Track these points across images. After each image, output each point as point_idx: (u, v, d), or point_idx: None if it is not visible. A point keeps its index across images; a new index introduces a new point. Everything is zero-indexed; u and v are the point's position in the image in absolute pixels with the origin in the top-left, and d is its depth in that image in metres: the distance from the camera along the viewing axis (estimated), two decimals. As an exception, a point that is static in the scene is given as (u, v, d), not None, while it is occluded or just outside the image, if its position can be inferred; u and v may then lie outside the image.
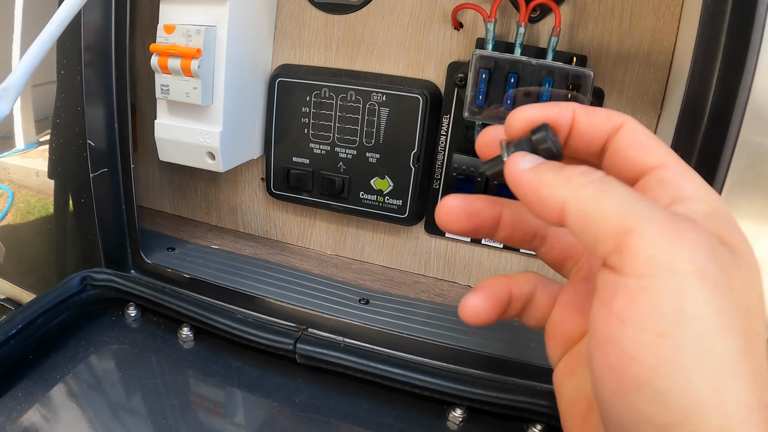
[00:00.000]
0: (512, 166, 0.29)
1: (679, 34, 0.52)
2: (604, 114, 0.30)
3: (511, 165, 0.29)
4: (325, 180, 0.64)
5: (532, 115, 0.30)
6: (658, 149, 0.28)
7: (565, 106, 0.30)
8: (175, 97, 0.57)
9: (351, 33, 0.61)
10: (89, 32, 0.55)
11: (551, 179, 0.27)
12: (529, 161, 0.29)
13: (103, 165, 0.58)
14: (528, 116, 0.30)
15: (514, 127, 0.30)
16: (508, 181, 0.29)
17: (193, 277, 0.60)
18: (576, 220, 0.26)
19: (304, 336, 0.51)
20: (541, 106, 0.30)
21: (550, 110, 0.30)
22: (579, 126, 0.30)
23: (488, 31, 0.53)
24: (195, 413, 0.46)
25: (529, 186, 0.28)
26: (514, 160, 0.29)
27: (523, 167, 0.28)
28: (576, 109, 0.30)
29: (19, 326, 0.49)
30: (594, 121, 0.30)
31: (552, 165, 0.28)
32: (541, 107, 0.30)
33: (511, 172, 0.29)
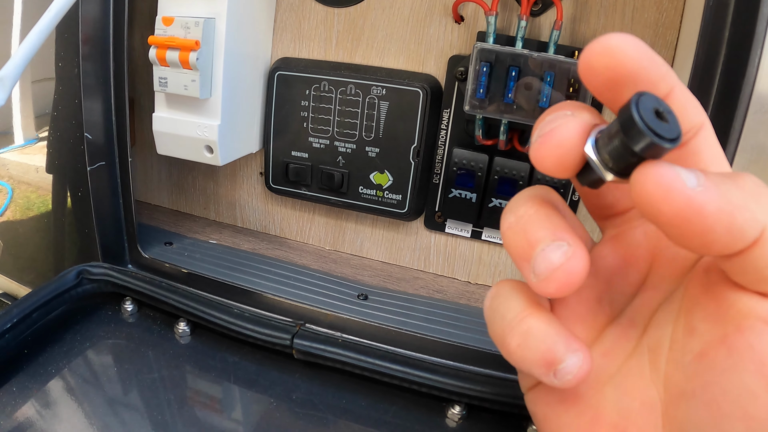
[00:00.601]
0: (677, 190, 0.20)
1: (681, 28, 0.51)
2: (696, 103, 0.24)
3: (673, 187, 0.20)
4: (324, 174, 0.63)
5: (629, 48, 0.22)
6: (723, 160, 0.25)
7: (665, 69, 0.23)
8: (173, 90, 0.56)
9: (351, 26, 0.61)
10: (87, 24, 0.54)
11: (742, 198, 0.20)
12: (693, 177, 0.20)
13: (101, 158, 0.57)
14: (620, 49, 0.22)
15: (590, 67, 0.22)
16: (672, 211, 0.20)
17: (190, 271, 0.59)
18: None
19: (302, 331, 0.51)
20: (636, 49, 0.22)
21: (648, 63, 0.22)
22: (674, 98, 0.23)
23: (489, 25, 0.52)
24: (191, 408, 0.46)
25: (718, 213, 0.20)
26: (670, 178, 0.20)
27: (693, 186, 0.20)
28: (676, 85, 0.23)
29: (15, 320, 0.49)
30: (688, 106, 0.24)
31: (721, 177, 0.21)
32: (637, 51, 0.22)
33: (678, 198, 0.20)
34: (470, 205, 0.59)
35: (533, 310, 0.26)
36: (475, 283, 0.65)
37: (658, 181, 0.20)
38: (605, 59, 0.22)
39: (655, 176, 0.20)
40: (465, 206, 0.59)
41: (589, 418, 0.28)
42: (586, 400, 0.28)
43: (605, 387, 0.28)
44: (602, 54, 0.22)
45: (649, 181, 0.20)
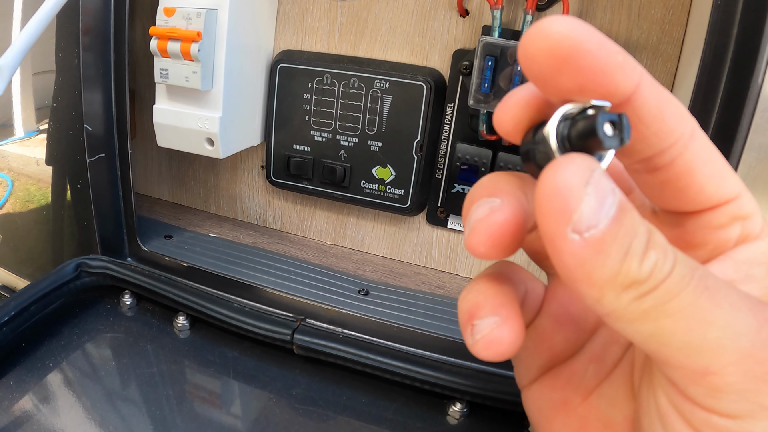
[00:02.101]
0: (557, 214, 0.18)
1: (688, 25, 0.51)
2: (678, 109, 0.21)
3: (554, 206, 0.18)
4: (326, 168, 0.63)
5: (571, 31, 0.19)
6: (732, 173, 0.22)
7: (631, 65, 0.20)
8: (174, 82, 0.56)
9: (354, 19, 0.60)
10: (87, 14, 0.53)
11: (624, 262, 0.18)
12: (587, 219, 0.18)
13: (100, 150, 0.57)
14: (561, 32, 0.19)
15: (528, 53, 0.20)
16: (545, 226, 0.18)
17: (190, 265, 0.59)
18: (648, 334, 0.19)
19: (302, 326, 0.50)
20: (585, 24, 0.19)
21: (604, 37, 0.19)
22: (643, 103, 0.20)
23: (495, 18, 0.52)
24: (190, 403, 0.45)
25: (581, 265, 0.18)
26: (565, 190, 0.18)
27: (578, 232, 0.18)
28: (644, 79, 0.20)
29: (12, 313, 0.48)
30: (665, 107, 0.21)
31: (629, 223, 0.18)
32: (585, 24, 0.19)
33: (552, 226, 0.18)
34: (473, 200, 0.58)
35: (488, 276, 0.25)
36: (477, 280, 0.64)
37: (557, 176, 0.18)
38: (544, 43, 0.19)
39: (560, 173, 0.18)
40: (468, 202, 0.59)
41: (576, 426, 0.26)
42: (573, 406, 0.27)
43: (592, 395, 0.27)
44: (541, 38, 0.19)
45: (551, 179, 0.18)
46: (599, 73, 0.19)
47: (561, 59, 0.19)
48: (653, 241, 0.18)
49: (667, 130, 0.21)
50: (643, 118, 0.20)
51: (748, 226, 0.22)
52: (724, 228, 0.22)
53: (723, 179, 0.22)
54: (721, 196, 0.22)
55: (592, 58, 0.19)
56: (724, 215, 0.22)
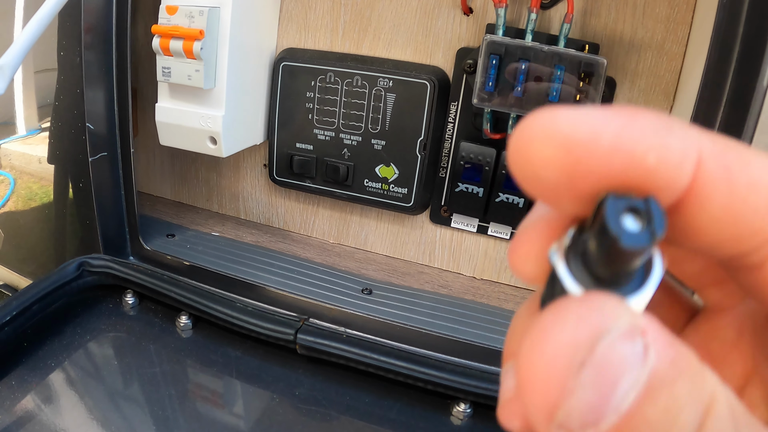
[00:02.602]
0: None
1: (693, 23, 0.50)
2: (764, 199, 0.14)
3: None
4: (329, 167, 0.62)
5: (576, 131, 0.13)
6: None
7: (681, 133, 0.13)
8: (176, 80, 0.55)
9: (358, 17, 0.60)
10: (90, 13, 0.53)
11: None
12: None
13: (103, 149, 0.56)
14: (563, 133, 0.13)
15: (524, 157, 0.14)
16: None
17: (192, 264, 0.59)
18: None
19: (305, 326, 0.50)
20: (606, 113, 0.13)
21: (630, 130, 0.13)
22: (702, 205, 0.14)
23: (499, 17, 0.51)
24: (192, 403, 0.45)
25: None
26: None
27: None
28: (706, 156, 0.14)
29: (14, 313, 0.48)
30: (741, 201, 0.14)
31: None
32: (605, 114, 0.13)
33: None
34: (477, 199, 0.58)
35: None
36: (480, 279, 0.64)
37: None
38: (545, 152, 0.14)
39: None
40: (471, 201, 0.59)
41: None
42: None
43: None
44: (539, 145, 0.14)
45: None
46: (630, 176, 0.13)
47: (571, 168, 0.13)
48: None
49: (745, 235, 0.14)
50: (700, 228, 0.14)
51: None
52: None
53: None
54: None
55: (615, 158, 0.13)
56: None
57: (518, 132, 0.14)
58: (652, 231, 0.13)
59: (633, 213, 0.13)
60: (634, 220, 0.13)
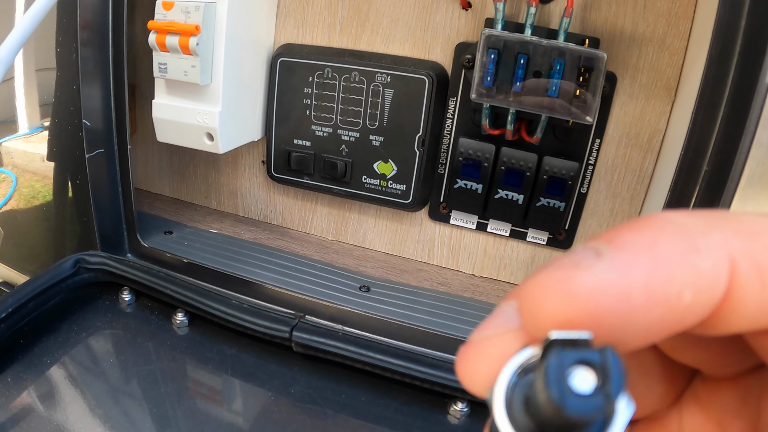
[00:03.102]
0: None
1: (695, 17, 0.50)
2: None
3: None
4: (327, 163, 0.62)
5: (598, 292, 0.12)
6: None
7: (708, 246, 0.13)
8: (173, 76, 0.55)
9: (356, 12, 0.60)
10: (86, 9, 0.53)
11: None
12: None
13: (99, 146, 0.56)
14: (583, 297, 0.12)
15: (538, 323, 0.13)
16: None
17: (190, 261, 0.58)
18: None
19: (301, 324, 0.50)
20: (625, 255, 0.13)
21: (658, 271, 0.12)
22: (736, 309, 0.13)
23: (498, 11, 0.51)
24: (188, 401, 0.45)
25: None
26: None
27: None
28: (737, 259, 0.13)
29: (10, 309, 0.48)
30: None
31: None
32: (625, 259, 0.12)
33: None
34: (476, 196, 0.58)
35: None
36: (479, 276, 0.64)
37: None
38: (563, 315, 0.13)
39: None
40: (471, 197, 0.58)
41: None
42: None
43: None
44: (558, 308, 0.13)
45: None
46: (655, 328, 0.13)
47: (601, 335, 0.12)
48: None
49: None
50: (732, 325, 0.13)
51: None
52: None
53: None
54: None
55: (652, 314, 0.12)
56: None
57: (533, 294, 0.13)
58: (608, 394, 0.11)
59: (586, 365, 0.11)
60: (586, 376, 0.11)
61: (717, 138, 0.40)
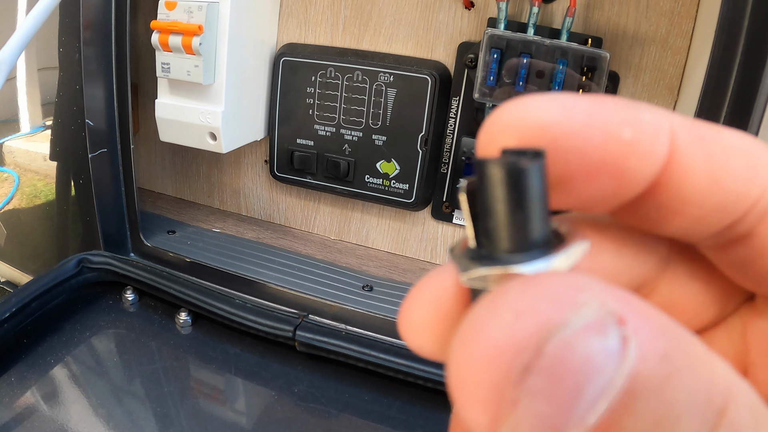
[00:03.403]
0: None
1: (698, 17, 0.50)
2: (743, 154, 0.13)
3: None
4: (330, 163, 0.62)
5: (547, 111, 0.13)
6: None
7: (650, 110, 0.13)
8: (175, 76, 0.55)
9: (358, 11, 0.60)
10: (88, 8, 0.53)
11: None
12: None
13: (102, 145, 0.56)
14: (533, 115, 0.13)
15: (491, 144, 0.13)
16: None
17: (193, 261, 0.58)
18: None
19: (305, 323, 0.50)
20: (574, 96, 0.13)
21: (601, 108, 0.13)
22: (683, 178, 0.13)
23: (500, 11, 0.51)
24: (191, 400, 0.45)
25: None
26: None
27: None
28: (678, 130, 0.13)
29: (13, 309, 0.48)
30: (720, 169, 0.13)
31: None
32: (573, 97, 0.13)
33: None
34: (478, 195, 0.58)
35: None
36: (482, 276, 0.63)
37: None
38: (507, 136, 0.13)
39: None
40: (473, 197, 0.58)
41: None
42: None
43: None
44: (503, 130, 0.13)
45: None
46: (601, 168, 0.13)
47: (547, 149, 0.13)
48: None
49: (731, 202, 0.13)
50: (686, 204, 0.13)
51: None
52: None
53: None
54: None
55: (591, 135, 0.12)
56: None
57: (490, 119, 0.13)
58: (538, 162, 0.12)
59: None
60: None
61: None
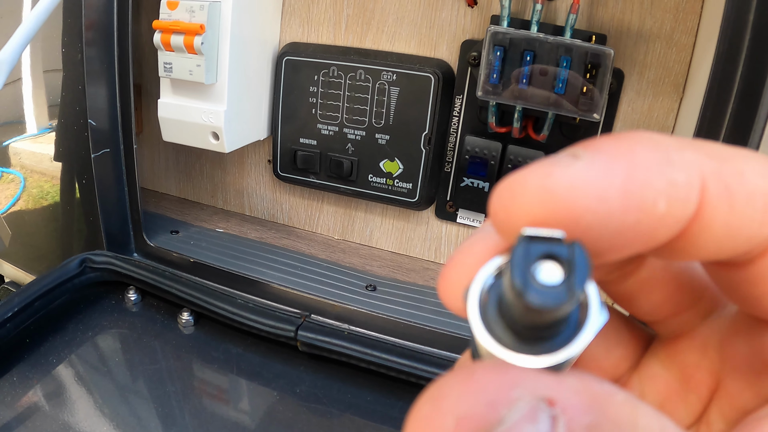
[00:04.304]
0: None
1: (703, 13, 0.50)
2: (762, 195, 0.13)
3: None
4: (333, 162, 0.62)
5: (577, 191, 0.12)
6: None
7: (681, 161, 0.13)
8: (178, 75, 0.55)
9: (361, 10, 0.60)
10: (90, 9, 0.53)
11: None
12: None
13: (105, 145, 0.57)
14: (562, 196, 0.12)
15: (510, 223, 0.13)
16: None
17: (196, 260, 0.59)
18: None
19: (307, 323, 0.50)
20: (604, 160, 0.12)
21: (635, 177, 0.12)
22: (705, 228, 0.13)
23: (503, 8, 0.51)
24: (194, 399, 0.45)
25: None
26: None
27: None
28: (708, 178, 0.13)
29: (16, 309, 0.49)
30: (741, 215, 0.13)
31: None
32: (605, 164, 0.12)
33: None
34: (483, 194, 0.58)
35: None
36: (486, 275, 0.63)
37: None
38: (537, 215, 0.13)
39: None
40: (477, 195, 0.58)
41: None
42: None
43: None
44: (553, 222, 0.13)
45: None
46: (630, 237, 0.13)
47: (577, 236, 0.12)
48: None
49: (740, 243, 0.14)
50: (701, 246, 0.14)
51: None
52: None
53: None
54: None
55: (627, 217, 0.12)
56: None
57: (507, 191, 0.13)
58: (571, 286, 0.11)
59: (552, 259, 0.12)
60: (553, 269, 0.11)
61: (725, 135, 0.40)
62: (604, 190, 0.12)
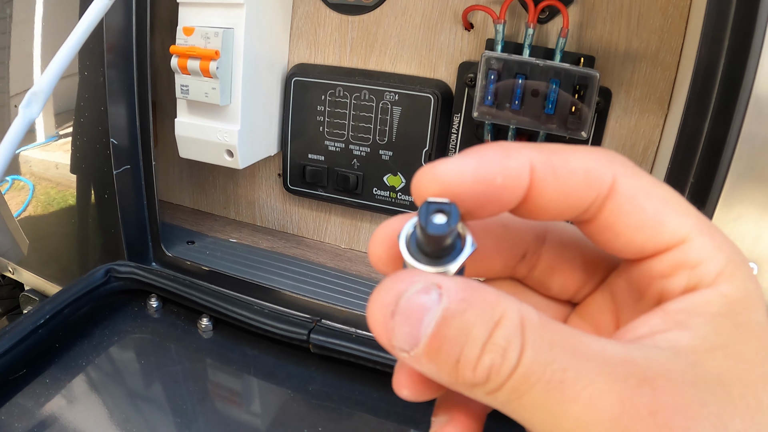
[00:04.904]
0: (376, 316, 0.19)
1: (686, 34, 0.52)
2: (582, 172, 0.20)
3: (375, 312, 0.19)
4: (340, 176, 0.65)
5: (448, 174, 0.20)
6: (674, 218, 0.20)
7: (516, 155, 0.20)
8: (194, 97, 0.58)
9: (365, 33, 0.63)
10: (111, 33, 0.56)
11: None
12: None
13: (126, 162, 0.59)
14: (440, 177, 0.20)
15: (420, 196, 0.20)
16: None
17: (211, 269, 0.61)
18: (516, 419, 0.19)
19: (318, 327, 0.53)
20: (466, 157, 0.20)
21: (482, 165, 0.20)
22: (540, 195, 0.20)
23: (498, 33, 0.54)
24: (213, 400, 0.48)
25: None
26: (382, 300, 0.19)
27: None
28: (536, 164, 0.20)
29: (47, 316, 0.51)
30: (566, 185, 0.20)
31: None
32: (465, 159, 0.20)
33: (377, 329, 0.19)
34: (480, 205, 0.60)
35: None
36: (485, 281, 0.66)
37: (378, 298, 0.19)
38: (433, 187, 0.20)
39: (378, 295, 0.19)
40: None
41: None
42: None
43: None
44: (429, 183, 0.20)
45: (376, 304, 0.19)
46: (486, 200, 0.20)
47: (451, 198, 0.20)
48: (492, 342, 0.18)
49: (575, 205, 0.20)
50: (546, 208, 0.20)
51: (696, 275, 0.20)
52: (667, 277, 0.20)
53: (658, 227, 0.20)
54: (657, 245, 0.20)
55: (477, 186, 0.20)
56: (664, 264, 0.20)
57: (416, 178, 0.20)
58: (449, 222, 0.19)
59: (441, 212, 0.19)
60: (441, 217, 0.19)
61: (702, 152, 0.42)
62: (463, 172, 0.20)
